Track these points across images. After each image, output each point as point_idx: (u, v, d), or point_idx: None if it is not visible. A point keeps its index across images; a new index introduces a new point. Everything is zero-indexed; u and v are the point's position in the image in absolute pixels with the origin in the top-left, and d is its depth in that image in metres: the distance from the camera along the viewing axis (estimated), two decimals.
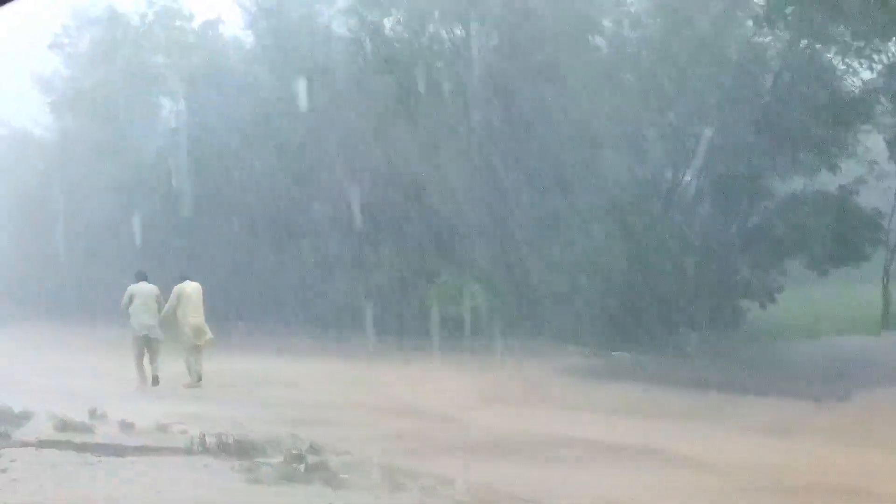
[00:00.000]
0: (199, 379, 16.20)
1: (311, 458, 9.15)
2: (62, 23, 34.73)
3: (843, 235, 21.93)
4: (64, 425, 10.43)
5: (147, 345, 16.08)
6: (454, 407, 14.07)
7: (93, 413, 11.45)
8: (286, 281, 27.53)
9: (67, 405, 11.87)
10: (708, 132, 23.55)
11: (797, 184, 23.24)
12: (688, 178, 24.50)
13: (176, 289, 16.60)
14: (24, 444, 9.37)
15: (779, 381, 16.00)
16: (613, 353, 20.69)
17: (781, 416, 13.31)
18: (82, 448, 9.40)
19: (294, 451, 9.43)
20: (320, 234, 27.32)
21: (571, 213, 23.25)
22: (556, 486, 8.73)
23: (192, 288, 16.68)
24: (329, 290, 26.52)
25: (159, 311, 16.31)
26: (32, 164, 37.10)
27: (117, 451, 9.42)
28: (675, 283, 22.57)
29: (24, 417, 10.82)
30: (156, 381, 15.81)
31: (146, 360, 16.07)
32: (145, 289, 16.50)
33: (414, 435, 11.64)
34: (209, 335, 16.59)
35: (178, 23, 32.28)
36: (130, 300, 16.32)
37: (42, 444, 9.47)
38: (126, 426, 10.81)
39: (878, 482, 9.05)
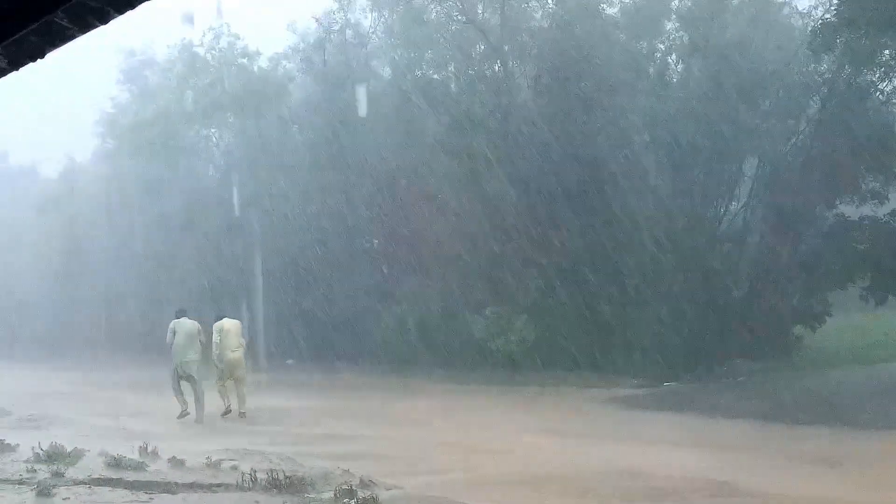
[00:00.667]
0: (243, 411, 16.57)
1: (361, 493, 9.06)
2: (130, 57, 35.56)
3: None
4: (116, 463, 10.43)
5: (188, 380, 16.43)
6: (507, 440, 13.94)
7: (143, 450, 11.47)
8: (334, 316, 27.63)
9: (118, 443, 11.93)
10: (755, 163, 23.42)
11: (846, 212, 22.98)
12: (737, 207, 24.32)
13: (216, 325, 16.94)
14: (77, 483, 9.37)
15: (834, 409, 15.70)
16: (665, 384, 20.47)
17: (839, 447, 13.07)
18: (134, 486, 9.39)
19: (344, 486, 9.36)
20: (367, 268, 27.44)
21: (621, 245, 23.12)
22: None
23: (230, 324, 17.06)
24: (377, 324, 26.58)
25: (201, 346, 16.67)
26: (88, 198, 37.64)
27: (169, 488, 9.40)
28: (727, 313, 22.34)
29: (77, 456, 10.84)
30: (199, 415, 16.18)
31: (189, 394, 16.42)
32: (187, 325, 16.81)
33: (466, 468, 11.51)
34: (243, 369, 16.95)
35: (240, 59, 32.85)
36: (174, 336, 16.62)
37: (94, 482, 9.48)
38: (177, 463, 10.79)
39: None
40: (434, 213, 25.29)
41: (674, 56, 25.69)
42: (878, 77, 21.86)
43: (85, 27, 2.99)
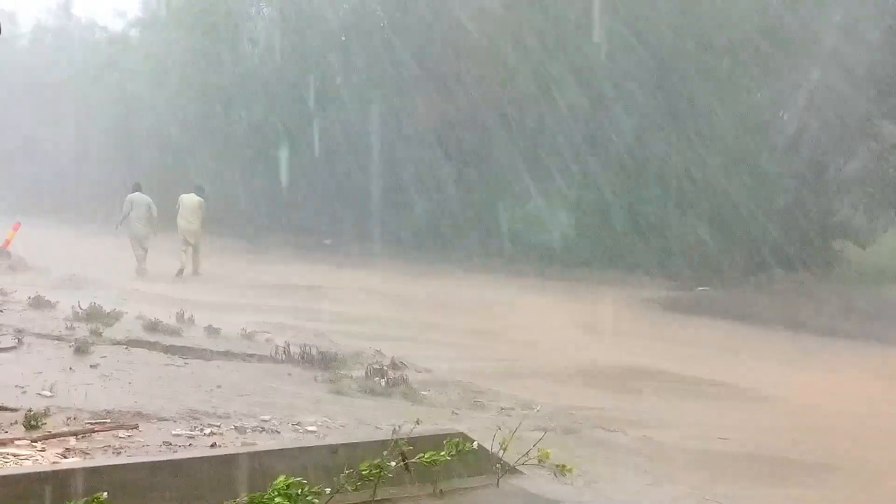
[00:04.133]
0: (196, 271, 19.64)
1: (392, 374, 9.18)
2: None
3: None
4: (152, 326, 10.60)
5: (140, 244, 19.50)
6: (537, 333, 14.03)
7: (180, 317, 11.64)
8: (374, 201, 27.59)
9: (156, 308, 12.10)
10: (816, 73, 22.62)
11: None
12: (793, 114, 23.64)
13: (180, 198, 20.15)
14: (115, 343, 9.54)
15: (867, 324, 15.70)
16: (699, 288, 20.41)
17: (867, 360, 13.15)
18: (170, 350, 9.57)
19: (376, 366, 9.49)
20: (408, 154, 27.22)
21: (664, 145, 22.74)
22: (636, 415, 8.63)
23: (188, 199, 20.02)
24: (415, 211, 26.53)
25: (151, 217, 19.67)
26: (129, 68, 37.34)
27: (203, 354, 9.56)
28: (769, 222, 22.02)
29: (115, 317, 11.01)
30: (144, 271, 19.17)
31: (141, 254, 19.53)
32: (139, 198, 19.79)
33: (495, 358, 11.61)
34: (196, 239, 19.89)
35: None
36: (131, 206, 19.63)
37: (131, 343, 9.65)
38: (212, 331, 10.95)
39: None
40: (480, 97, 24.90)
41: None
42: None
43: None
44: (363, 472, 4.81)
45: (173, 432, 6.03)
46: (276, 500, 4.34)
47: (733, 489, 6.44)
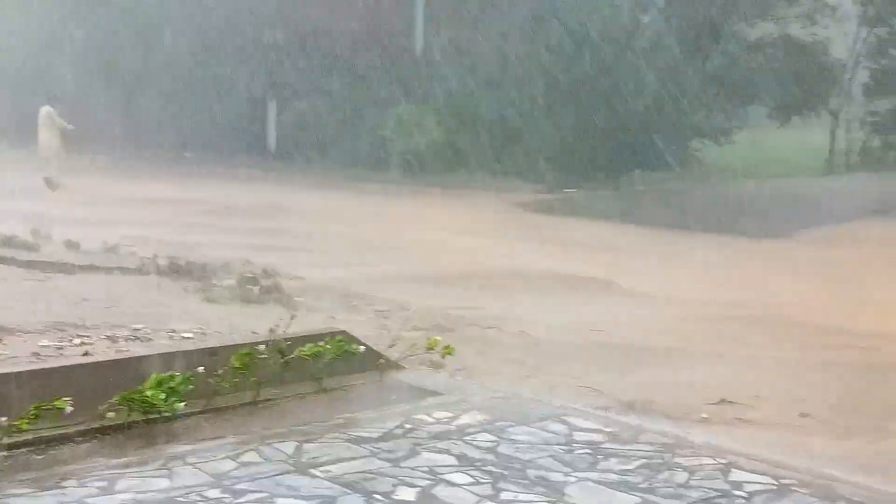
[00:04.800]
0: (48, 184, 18.98)
1: (264, 282, 9.02)
2: None
3: (803, 81, 21.91)
4: (7, 242, 10.12)
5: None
6: (409, 238, 14.05)
7: (36, 233, 11.12)
8: (234, 110, 26.90)
9: (6, 224, 11.54)
10: None
11: (766, 29, 23.06)
12: (647, 19, 24.01)
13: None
14: None
15: (725, 219, 16.32)
16: (565, 191, 20.79)
17: (726, 252, 13.75)
18: (29, 265, 9.14)
19: (248, 275, 9.29)
20: (274, 60, 26.55)
21: (529, 50, 22.81)
22: (509, 312, 8.75)
23: (42, 110, 19.78)
24: (278, 121, 26.02)
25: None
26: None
27: (65, 269, 9.17)
28: (630, 125, 22.46)
29: None
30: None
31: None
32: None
33: (367, 264, 11.57)
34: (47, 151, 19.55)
35: None
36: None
37: None
38: (71, 246, 10.53)
39: (812, 311, 9.38)
40: (344, 7, 24.38)
41: None
42: None
43: None
44: (237, 366, 4.76)
45: (40, 343, 5.80)
46: (148, 392, 4.37)
47: (604, 376, 6.64)
